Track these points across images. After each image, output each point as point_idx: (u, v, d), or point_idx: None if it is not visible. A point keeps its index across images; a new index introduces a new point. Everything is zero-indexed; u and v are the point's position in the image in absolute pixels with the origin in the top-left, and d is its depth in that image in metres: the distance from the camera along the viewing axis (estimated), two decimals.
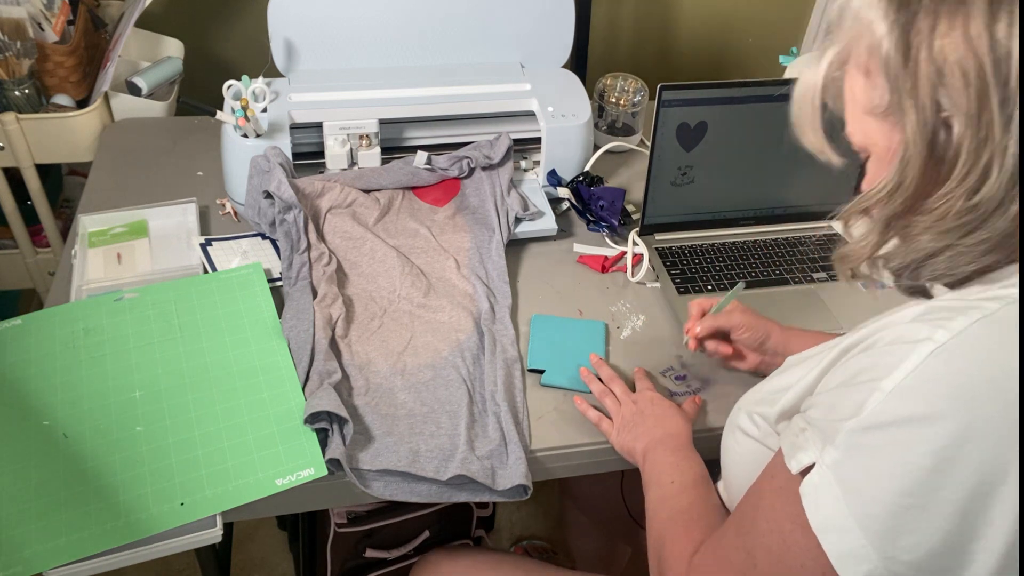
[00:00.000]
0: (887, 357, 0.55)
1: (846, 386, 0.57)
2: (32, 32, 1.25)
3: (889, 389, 0.53)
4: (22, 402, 0.87)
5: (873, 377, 0.54)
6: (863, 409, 0.54)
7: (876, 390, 0.53)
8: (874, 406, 0.53)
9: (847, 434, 0.54)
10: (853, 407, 0.55)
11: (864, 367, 0.56)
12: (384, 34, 1.22)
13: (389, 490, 0.84)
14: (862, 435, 0.54)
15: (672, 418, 0.88)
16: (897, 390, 0.52)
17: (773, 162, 1.18)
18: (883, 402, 0.53)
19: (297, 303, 0.98)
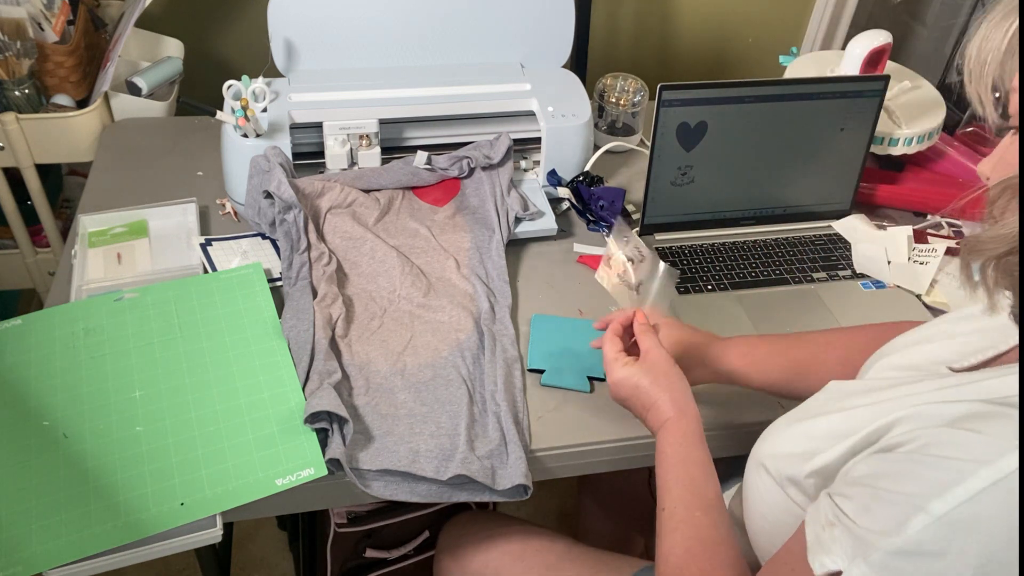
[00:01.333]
0: (936, 472, 0.49)
1: (886, 491, 0.52)
2: (32, 32, 1.25)
3: (939, 515, 0.48)
4: (22, 402, 0.87)
5: (919, 493, 0.49)
6: (905, 529, 0.49)
7: (923, 511, 0.49)
8: (919, 530, 0.49)
9: (884, 555, 0.50)
10: (894, 523, 0.50)
11: (908, 473, 0.51)
12: (384, 34, 1.22)
13: (389, 490, 0.84)
14: (902, 560, 0.49)
15: (675, 380, 0.78)
16: (948, 519, 0.48)
17: (773, 162, 1.18)
18: (929, 528, 0.48)
19: (297, 303, 0.98)
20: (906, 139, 1.24)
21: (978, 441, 0.49)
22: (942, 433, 0.51)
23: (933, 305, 1.12)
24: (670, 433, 0.75)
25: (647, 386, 0.78)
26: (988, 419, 0.51)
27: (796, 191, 1.22)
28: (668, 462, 0.74)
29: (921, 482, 0.50)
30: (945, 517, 0.48)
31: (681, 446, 0.74)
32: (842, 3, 1.94)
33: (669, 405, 0.76)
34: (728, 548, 0.68)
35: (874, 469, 0.55)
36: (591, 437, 0.92)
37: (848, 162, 1.21)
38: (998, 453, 0.48)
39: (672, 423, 0.75)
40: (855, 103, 1.16)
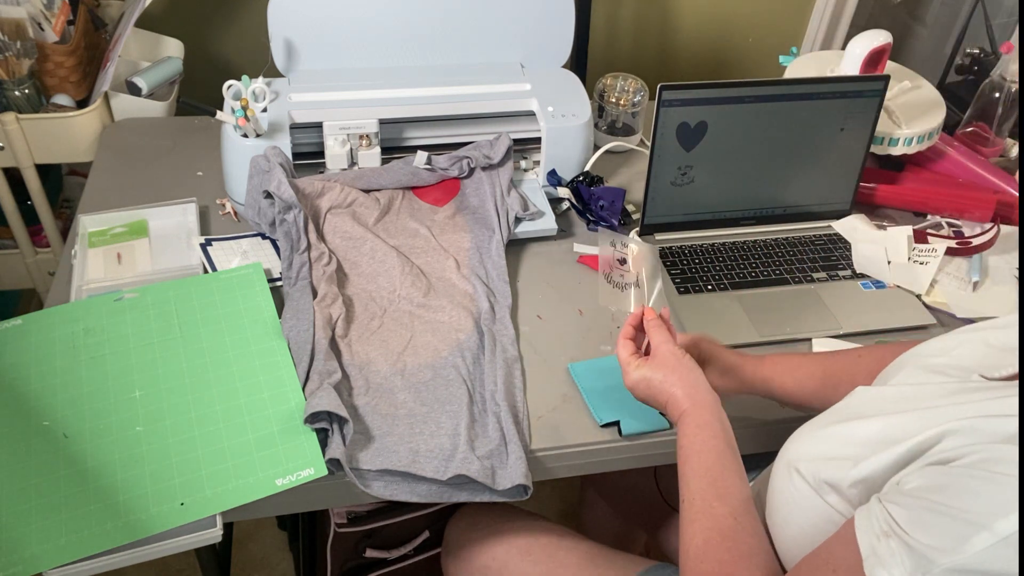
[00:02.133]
0: (999, 489, 0.49)
1: (945, 507, 0.51)
2: (32, 32, 1.25)
3: (1004, 535, 0.47)
4: (22, 402, 0.87)
5: (982, 511, 0.49)
6: (966, 547, 0.49)
7: (985, 529, 0.48)
8: (982, 549, 0.48)
9: (944, 571, 0.49)
10: (954, 541, 0.49)
11: (967, 490, 0.51)
12: (384, 34, 1.22)
13: (389, 490, 0.84)
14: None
15: (693, 382, 0.77)
16: (1012, 539, 0.47)
17: (773, 162, 1.18)
18: (993, 548, 0.48)
19: (297, 303, 0.98)
20: (906, 139, 1.24)
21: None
22: (1001, 450, 0.51)
23: (933, 305, 1.12)
24: (686, 425, 0.75)
25: (659, 382, 0.78)
26: None
27: (796, 191, 1.22)
28: (684, 454, 0.74)
29: (983, 499, 0.50)
30: (1011, 538, 0.47)
31: (696, 437, 0.74)
32: (842, 3, 1.94)
33: (683, 398, 0.76)
34: (748, 536, 0.67)
35: (930, 482, 0.54)
36: (591, 437, 0.92)
37: (848, 162, 1.21)
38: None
39: (688, 415, 0.75)
40: (855, 103, 1.16)
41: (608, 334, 1.05)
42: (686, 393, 0.76)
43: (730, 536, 0.67)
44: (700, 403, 0.76)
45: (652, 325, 0.83)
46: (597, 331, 1.05)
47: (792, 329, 1.07)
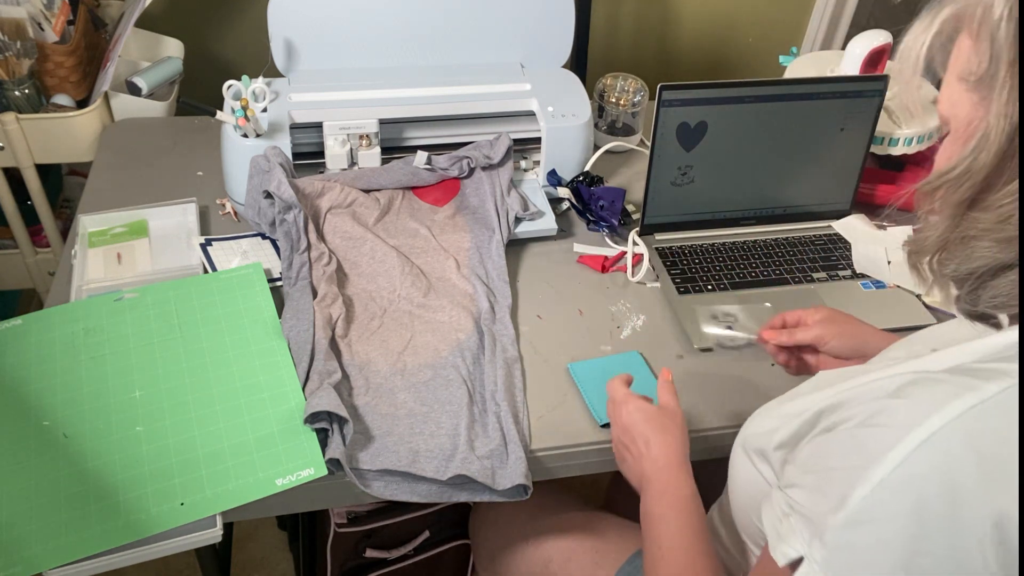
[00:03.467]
0: (873, 441, 0.51)
1: (829, 470, 0.54)
2: (32, 32, 1.25)
3: (877, 480, 0.50)
4: (22, 402, 0.87)
5: (858, 464, 0.51)
6: (848, 501, 0.51)
7: (862, 480, 0.50)
8: (860, 499, 0.50)
9: (835, 531, 0.51)
10: (838, 498, 0.52)
11: (848, 448, 0.53)
12: (384, 34, 1.22)
13: (389, 490, 0.84)
14: (850, 532, 0.51)
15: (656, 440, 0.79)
16: (886, 483, 0.50)
17: (773, 162, 1.18)
18: (870, 495, 0.50)
19: (297, 303, 0.98)
20: (906, 139, 1.24)
21: (907, 406, 0.51)
22: (876, 404, 0.53)
23: (933, 305, 1.12)
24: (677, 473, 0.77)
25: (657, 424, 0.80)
26: (916, 384, 0.52)
27: (796, 191, 1.22)
28: (669, 500, 0.75)
29: (860, 454, 0.52)
30: (883, 482, 0.50)
31: (683, 491, 0.75)
32: (842, 3, 1.94)
33: (665, 452, 0.78)
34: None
35: (817, 450, 0.57)
36: (591, 437, 0.92)
37: (848, 162, 1.21)
38: (924, 415, 0.50)
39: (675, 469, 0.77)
40: (855, 103, 1.16)
41: (608, 334, 1.05)
42: (672, 449, 0.78)
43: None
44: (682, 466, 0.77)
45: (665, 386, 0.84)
46: (597, 331, 1.05)
47: None
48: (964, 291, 0.56)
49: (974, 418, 0.49)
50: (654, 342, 1.04)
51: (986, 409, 0.49)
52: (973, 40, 0.53)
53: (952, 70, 0.56)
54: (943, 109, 0.58)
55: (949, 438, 0.49)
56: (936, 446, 0.49)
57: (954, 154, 0.55)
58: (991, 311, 0.56)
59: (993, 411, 0.49)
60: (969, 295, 0.55)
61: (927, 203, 0.57)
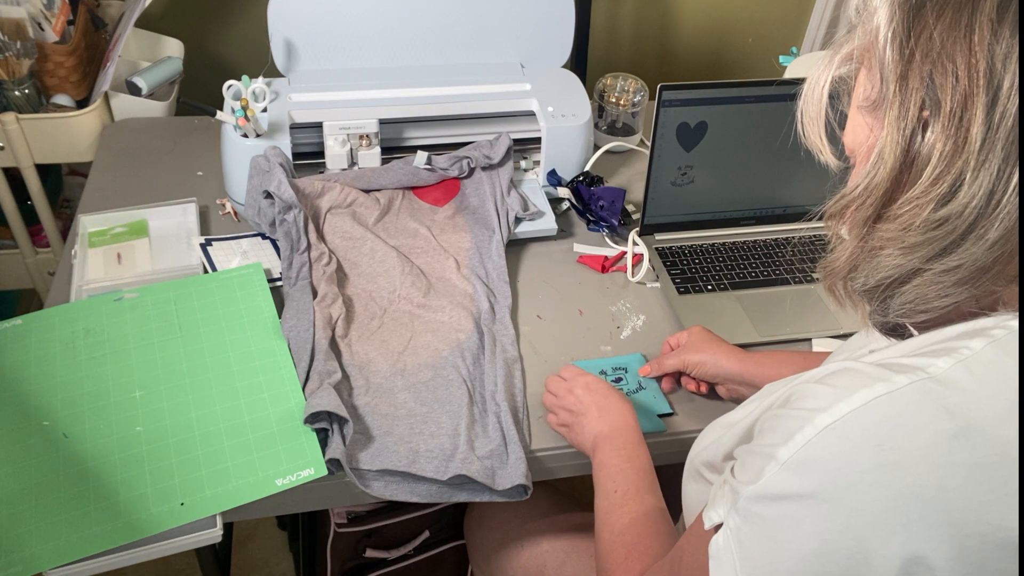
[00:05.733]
0: (788, 422, 0.53)
1: (756, 446, 0.56)
2: (32, 32, 1.25)
3: (783, 460, 0.52)
4: (22, 402, 0.87)
5: (773, 443, 0.53)
6: (760, 476, 0.53)
7: (773, 458, 0.52)
8: (769, 476, 0.52)
9: (745, 500, 0.54)
10: (754, 472, 0.54)
11: (771, 427, 0.55)
12: (384, 34, 1.22)
13: (389, 490, 0.84)
14: (757, 504, 0.53)
15: (613, 406, 0.86)
16: (790, 463, 0.51)
17: (773, 162, 1.18)
18: (777, 473, 0.52)
19: (297, 303, 0.98)
20: None
21: (823, 391, 0.53)
22: (801, 388, 0.55)
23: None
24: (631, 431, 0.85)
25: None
26: (839, 374, 0.54)
27: (796, 191, 1.22)
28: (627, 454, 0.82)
29: (776, 432, 0.54)
30: (788, 462, 0.52)
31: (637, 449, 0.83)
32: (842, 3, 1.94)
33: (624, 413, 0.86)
34: (668, 526, 0.75)
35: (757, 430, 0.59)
36: None
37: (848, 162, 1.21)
38: (834, 399, 0.51)
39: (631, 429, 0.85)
40: None
41: (608, 334, 1.05)
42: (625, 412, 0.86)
43: (658, 519, 0.75)
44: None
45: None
46: (597, 331, 1.05)
47: (792, 329, 1.07)
48: (875, 304, 0.58)
49: (877, 408, 0.50)
50: (654, 342, 1.04)
51: (892, 399, 0.50)
52: (867, 70, 0.57)
53: (853, 102, 0.60)
54: (847, 141, 0.62)
55: (852, 425, 0.50)
56: (837, 431, 0.50)
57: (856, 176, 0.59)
58: (901, 319, 0.58)
59: (898, 402, 0.50)
60: (880, 306, 0.57)
61: (836, 224, 0.61)
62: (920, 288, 0.54)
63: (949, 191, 0.51)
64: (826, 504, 0.50)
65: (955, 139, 0.50)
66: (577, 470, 0.94)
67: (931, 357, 0.52)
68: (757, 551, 0.53)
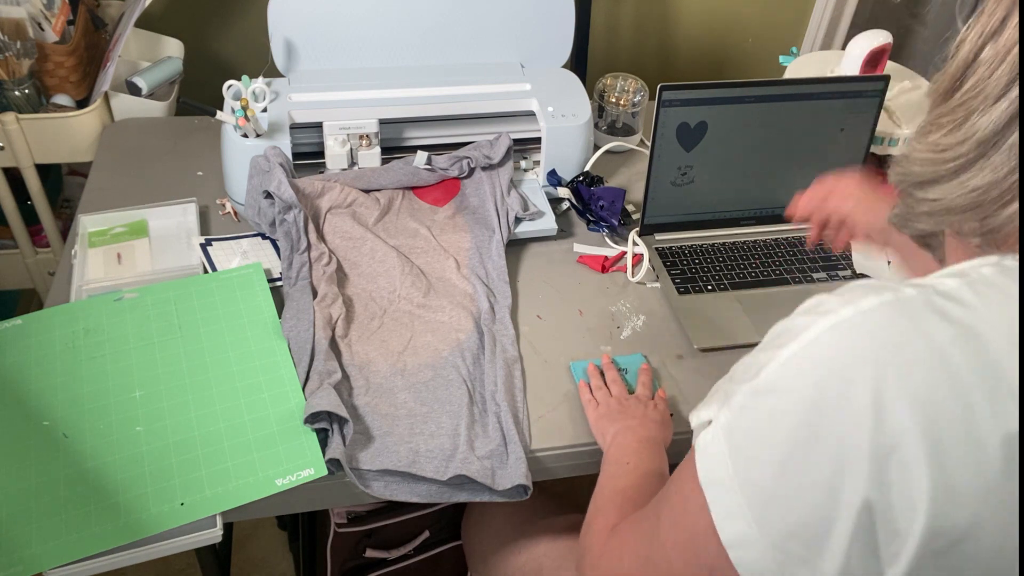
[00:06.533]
0: (795, 324, 0.54)
1: (758, 351, 0.57)
2: (32, 32, 1.25)
3: (784, 359, 0.52)
4: (22, 402, 0.87)
5: (778, 344, 0.54)
6: (762, 373, 0.53)
7: (774, 358, 0.53)
8: (768, 372, 0.53)
9: (741, 396, 0.54)
10: (752, 370, 0.55)
11: (776, 333, 0.56)
12: (384, 34, 1.22)
13: (389, 490, 0.84)
14: (752, 398, 0.54)
15: (657, 422, 0.88)
16: (790, 359, 0.52)
17: (773, 162, 1.18)
18: (776, 369, 0.53)
19: (297, 303, 0.98)
20: (906, 139, 1.24)
21: (832, 299, 0.54)
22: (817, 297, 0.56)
23: None
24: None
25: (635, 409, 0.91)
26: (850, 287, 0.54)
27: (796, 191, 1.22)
28: (637, 446, 0.84)
29: (780, 333, 0.55)
30: (789, 359, 0.52)
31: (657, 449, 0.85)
32: (842, 3, 1.94)
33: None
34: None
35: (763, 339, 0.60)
36: (591, 437, 0.92)
37: (848, 162, 1.21)
38: (842, 304, 0.52)
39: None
40: (855, 103, 1.16)
41: (608, 334, 1.05)
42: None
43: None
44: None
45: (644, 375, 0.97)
46: (597, 331, 1.05)
47: None
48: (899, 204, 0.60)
49: (881, 311, 0.51)
50: (654, 342, 1.04)
51: (896, 305, 0.51)
52: None
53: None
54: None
55: (856, 325, 0.51)
56: (841, 330, 0.51)
57: None
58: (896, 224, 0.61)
59: (903, 308, 0.51)
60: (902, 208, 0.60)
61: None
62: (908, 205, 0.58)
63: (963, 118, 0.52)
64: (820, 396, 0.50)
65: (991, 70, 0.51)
66: (576, 470, 0.94)
67: (941, 278, 0.53)
68: (747, 442, 0.53)
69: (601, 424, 0.89)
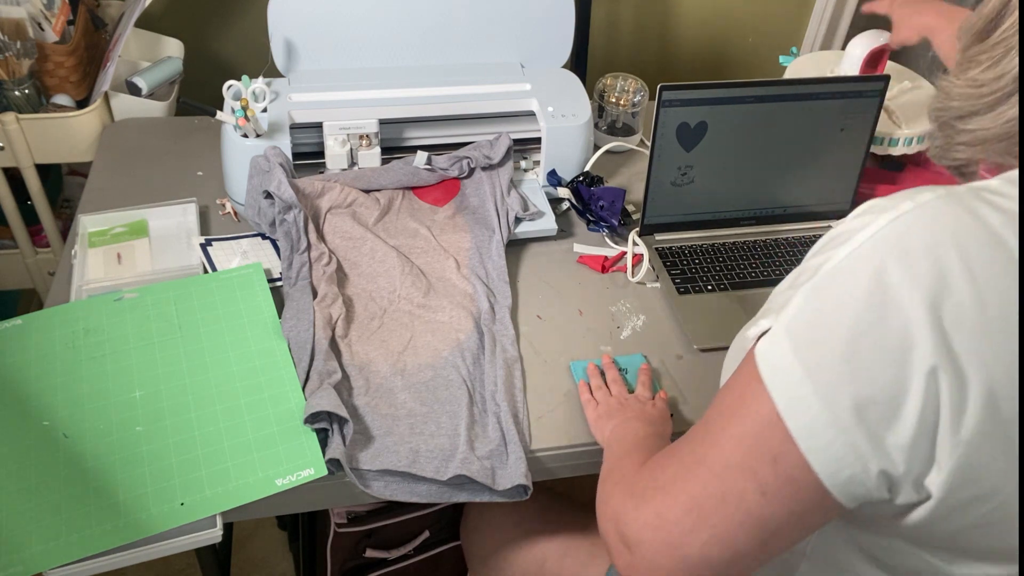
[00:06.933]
0: (851, 226, 0.56)
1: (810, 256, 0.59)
2: (32, 32, 1.25)
3: (846, 253, 0.54)
4: (22, 402, 0.87)
5: (834, 245, 0.56)
6: (819, 271, 0.55)
7: (833, 256, 0.55)
8: (830, 266, 0.54)
9: (801, 295, 0.55)
10: (812, 271, 0.56)
11: (832, 236, 0.58)
12: (384, 34, 1.22)
13: (389, 490, 0.84)
14: (814, 292, 0.55)
15: (657, 419, 0.87)
16: (854, 251, 0.54)
17: (773, 162, 1.18)
18: (839, 263, 0.54)
19: (297, 303, 0.98)
20: (906, 139, 1.24)
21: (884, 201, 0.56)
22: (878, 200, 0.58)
23: None
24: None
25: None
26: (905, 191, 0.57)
27: (796, 191, 1.22)
28: (646, 431, 0.84)
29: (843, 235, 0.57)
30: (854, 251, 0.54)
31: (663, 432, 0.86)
32: (842, 3, 1.94)
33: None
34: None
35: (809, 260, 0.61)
36: (591, 437, 0.92)
37: (848, 162, 1.21)
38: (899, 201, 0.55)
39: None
40: (855, 103, 1.16)
41: (608, 334, 1.05)
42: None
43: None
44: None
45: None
46: (597, 331, 1.05)
47: None
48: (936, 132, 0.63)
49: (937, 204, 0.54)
50: (654, 342, 1.04)
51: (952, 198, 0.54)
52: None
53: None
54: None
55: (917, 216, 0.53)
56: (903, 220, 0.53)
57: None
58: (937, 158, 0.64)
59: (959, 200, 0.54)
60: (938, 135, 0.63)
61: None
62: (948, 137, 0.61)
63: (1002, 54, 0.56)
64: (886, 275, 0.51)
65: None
66: (576, 470, 0.94)
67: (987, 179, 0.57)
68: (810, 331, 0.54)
69: (600, 423, 0.88)
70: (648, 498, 0.60)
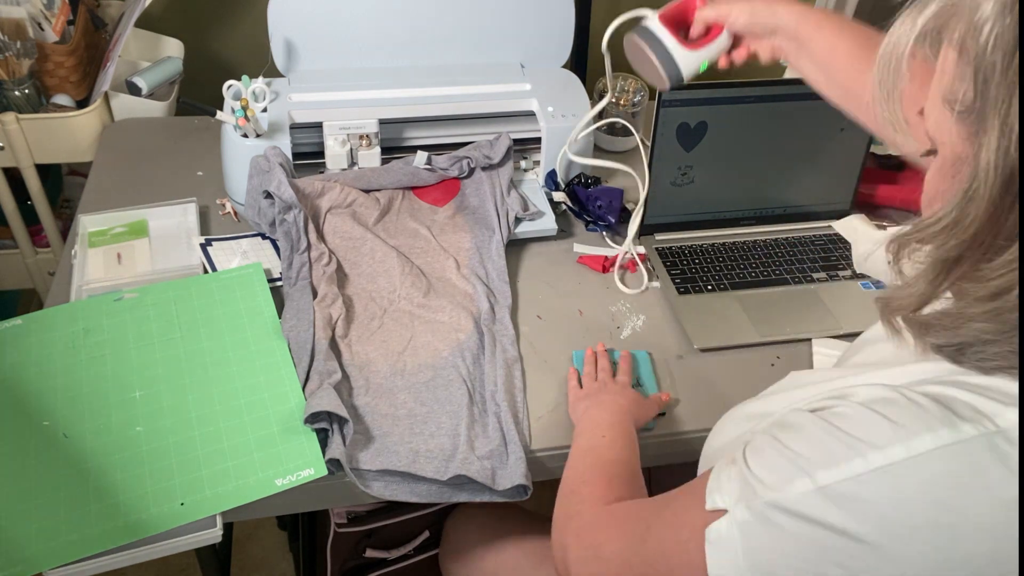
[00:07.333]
0: (831, 443, 0.49)
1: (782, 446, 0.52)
2: (32, 32, 1.25)
3: (822, 485, 0.48)
4: (22, 402, 0.87)
5: (808, 457, 0.50)
6: (788, 487, 0.49)
7: (807, 475, 0.49)
8: (801, 493, 0.49)
9: (764, 504, 0.50)
10: (780, 479, 0.50)
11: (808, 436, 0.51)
12: (384, 34, 1.22)
13: (389, 490, 0.84)
14: (780, 514, 0.50)
15: (632, 401, 0.89)
16: (831, 493, 0.48)
17: (773, 162, 1.18)
18: (812, 495, 0.48)
19: (297, 303, 0.98)
20: None
21: (876, 422, 0.48)
22: (855, 409, 0.51)
23: None
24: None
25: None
26: (893, 404, 0.49)
27: (796, 191, 1.22)
28: (611, 420, 0.84)
29: (816, 448, 0.50)
30: (828, 490, 0.48)
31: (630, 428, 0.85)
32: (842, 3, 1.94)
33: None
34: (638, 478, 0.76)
35: (786, 420, 0.54)
36: None
37: (848, 162, 1.21)
38: (890, 439, 0.47)
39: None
40: None
41: (608, 334, 1.05)
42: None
43: (641, 478, 0.76)
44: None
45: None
46: (597, 331, 1.05)
47: (792, 329, 1.07)
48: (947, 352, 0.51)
49: (940, 460, 0.46)
50: (654, 342, 1.04)
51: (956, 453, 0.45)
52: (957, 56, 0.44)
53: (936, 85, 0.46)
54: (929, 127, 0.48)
55: (910, 473, 0.46)
56: (892, 476, 0.46)
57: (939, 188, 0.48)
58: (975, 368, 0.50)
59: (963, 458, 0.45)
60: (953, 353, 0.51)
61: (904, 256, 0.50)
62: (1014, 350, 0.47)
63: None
64: (864, 546, 0.47)
65: None
66: None
67: (998, 404, 0.47)
68: (766, 554, 0.50)
69: (576, 404, 0.91)
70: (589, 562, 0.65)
